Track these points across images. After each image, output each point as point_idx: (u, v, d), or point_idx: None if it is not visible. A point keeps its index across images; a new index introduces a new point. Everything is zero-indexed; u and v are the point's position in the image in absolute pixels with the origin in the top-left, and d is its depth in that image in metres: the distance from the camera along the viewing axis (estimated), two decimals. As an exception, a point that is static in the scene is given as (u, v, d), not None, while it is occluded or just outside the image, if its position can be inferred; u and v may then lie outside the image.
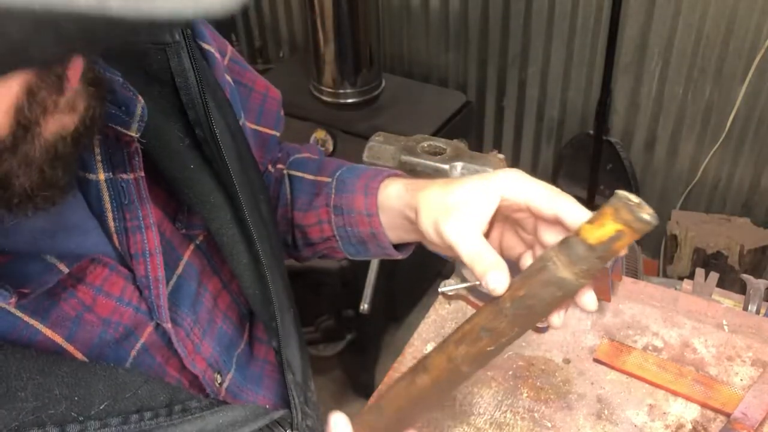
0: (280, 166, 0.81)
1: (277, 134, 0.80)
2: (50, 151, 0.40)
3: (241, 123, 0.71)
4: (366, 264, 1.26)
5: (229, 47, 0.74)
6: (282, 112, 0.82)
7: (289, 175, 0.79)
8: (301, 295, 0.79)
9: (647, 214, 0.46)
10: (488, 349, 0.54)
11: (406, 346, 0.98)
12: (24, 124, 0.37)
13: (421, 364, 0.58)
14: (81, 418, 0.45)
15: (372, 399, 0.60)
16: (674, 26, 1.96)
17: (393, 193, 0.68)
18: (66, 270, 0.48)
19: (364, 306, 1.31)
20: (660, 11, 1.96)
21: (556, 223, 0.56)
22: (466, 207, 0.58)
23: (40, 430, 0.43)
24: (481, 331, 0.53)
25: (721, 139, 2.05)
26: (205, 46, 0.66)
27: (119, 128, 0.51)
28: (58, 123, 0.40)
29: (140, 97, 0.51)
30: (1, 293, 0.43)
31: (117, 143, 0.52)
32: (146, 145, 0.54)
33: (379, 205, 0.69)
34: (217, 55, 0.68)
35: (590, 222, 0.49)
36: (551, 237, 0.57)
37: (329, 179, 0.75)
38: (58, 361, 0.46)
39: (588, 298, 0.54)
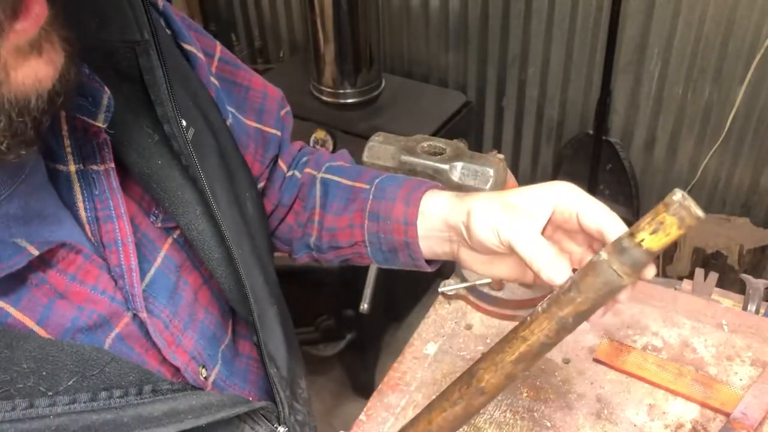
0: (309, 170, 0.82)
1: (278, 133, 0.80)
2: (23, 101, 0.41)
3: (229, 122, 0.71)
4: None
5: (219, 47, 0.74)
6: (283, 111, 0.82)
7: (323, 180, 0.80)
8: (301, 295, 0.79)
9: (700, 210, 0.47)
10: (540, 357, 0.57)
11: (406, 346, 0.98)
12: None
13: (475, 387, 0.59)
14: (50, 393, 0.46)
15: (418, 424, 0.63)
16: (674, 26, 1.97)
17: (437, 203, 0.71)
18: (36, 252, 0.48)
19: (364, 306, 1.31)
20: (659, 11, 1.96)
21: (600, 236, 0.59)
22: (523, 210, 0.62)
23: (9, 402, 0.44)
24: (541, 346, 0.55)
25: (720, 139, 2.05)
26: (187, 47, 0.67)
27: (86, 119, 0.52)
28: (32, 72, 0.41)
29: (106, 88, 0.52)
30: None
31: (86, 135, 0.53)
32: (116, 140, 0.55)
33: (420, 213, 0.71)
34: (200, 55, 0.69)
35: (650, 228, 0.49)
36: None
37: (367, 186, 0.76)
38: (25, 336, 0.47)
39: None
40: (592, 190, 2.29)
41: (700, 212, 0.46)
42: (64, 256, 0.51)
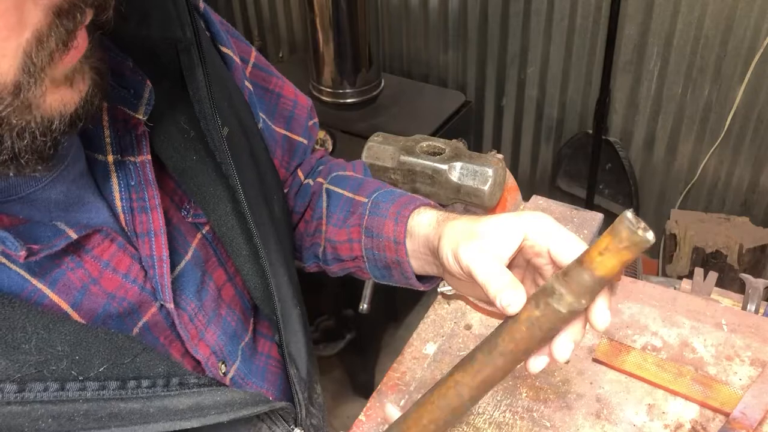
0: (320, 180, 0.82)
1: (305, 142, 0.81)
2: (48, 122, 0.43)
3: (260, 126, 0.73)
4: (365, 264, 1.26)
5: (253, 53, 0.75)
6: (311, 122, 0.82)
7: (328, 190, 0.80)
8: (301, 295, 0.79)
9: (649, 233, 0.46)
10: (498, 376, 0.55)
11: (406, 346, 0.98)
12: (29, 70, 0.39)
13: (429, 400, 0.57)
14: (81, 378, 0.47)
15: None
16: (673, 26, 1.96)
17: (423, 221, 0.70)
18: (74, 236, 0.50)
19: (364, 306, 1.31)
20: (659, 11, 1.96)
21: None
22: (488, 236, 0.59)
23: (41, 384, 0.45)
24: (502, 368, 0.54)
25: (720, 139, 2.05)
26: (224, 50, 0.68)
27: (127, 110, 0.53)
28: (59, 97, 0.43)
29: (148, 81, 0.53)
30: (13, 243, 0.45)
31: (125, 126, 0.55)
32: (153, 134, 0.56)
33: (407, 233, 0.70)
34: (237, 59, 0.70)
35: (597, 252, 0.48)
36: None
37: (366, 200, 0.76)
38: (62, 320, 0.48)
39: (600, 316, 0.53)
40: (592, 189, 2.30)
41: (650, 236, 0.45)
42: (99, 242, 0.53)
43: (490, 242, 0.58)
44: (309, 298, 2.17)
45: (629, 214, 0.46)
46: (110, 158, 0.55)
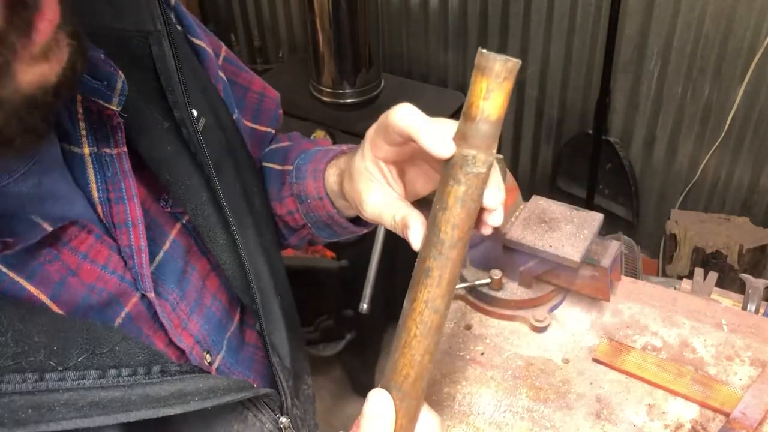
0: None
1: (273, 131, 0.83)
2: (30, 100, 0.42)
3: (234, 117, 0.73)
4: (365, 263, 1.26)
5: (224, 48, 0.76)
6: (280, 111, 0.83)
7: (262, 168, 0.81)
8: (301, 295, 0.80)
9: (509, 58, 0.46)
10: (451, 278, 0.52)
11: (406, 346, 0.98)
12: None
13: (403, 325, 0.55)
14: (60, 368, 0.46)
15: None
16: (673, 26, 1.96)
17: (334, 171, 0.71)
18: (49, 229, 0.50)
19: (364, 306, 1.31)
20: (659, 11, 1.96)
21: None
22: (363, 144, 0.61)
23: (20, 375, 0.45)
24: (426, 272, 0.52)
25: (720, 139, 2.05)
26: (197, 42, 0.69)
27: (101, 102, 0.53)
28: (38, 73, 0.42)
29: (120, 72, 0.54)
30: None
31: (100, 118, 0.55)
32: (129, 126, 0.57)
33: (327, 187, 0.72)
34: (210, 51, 0.71)
35: (481, 99, 0.47)
36: None
37: (291, 167, 0.77)
38: (38, 311, 0.48)
39: (494, 215, 0.54)
40: (592, 189, 2.29)
41: (511, 59, 0.46)
42: (76, 234, 0.53)
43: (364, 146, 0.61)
44: (309, 298, 2.16)
45: (484, 50, 0.46)
46: (86, 150, 0.55)
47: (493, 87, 0.47)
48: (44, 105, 0.44)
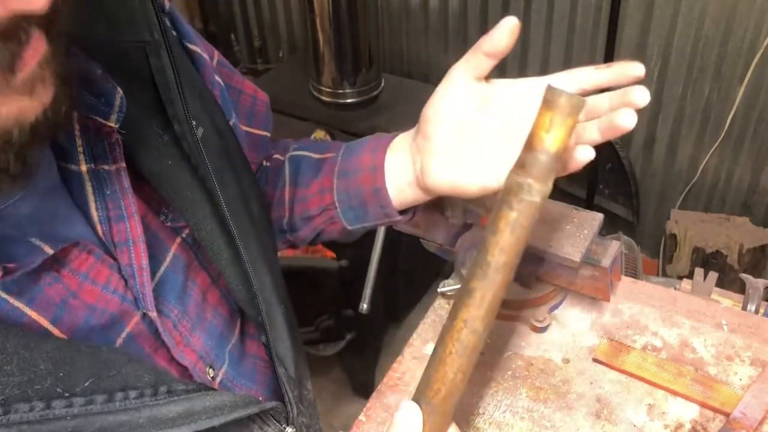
0: (277, 156, 0.82)
1: (268, 134, 0.82)
2: (5, 134, 0.41)
3: (231, 123, 0.72)
4: (365, 263, 1.26)
5: (216, 51, 0.75)
6: (270, 114, 0.83)
7: (292, 157, 0.81)
8: (300, 295, 0.79)
9: (574, 95, 0.48)
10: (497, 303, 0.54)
11: (406, 346, 0.98)
12: None
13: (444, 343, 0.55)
14: (67, 394, 0.46)
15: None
16: (673, 26, 1.96)
17: (401, 140, 0.73)
18: (50, 252, 0.49)
19: (364, 306, 1.31)
20: (659, 11, 1.96)
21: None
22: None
23: (26, 404, 0.44)
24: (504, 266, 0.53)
25: (720, 139, 2.05)
26: (193, 47, 0.68)
27: (99, 119, 0.52)
28: (16, 106, 0.40)
29: (119, 88, 0.52)
30: None
31: (98, 135, 0.54)
32: (127, 140, 0.55)
33: (387, 158, 0.72)
34: (205, 55, 0.69)
35: (543, 131, 0.49)
36: None
37: (335, 154, 0.77)
38: (43, 338, 0.47)
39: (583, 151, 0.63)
40: (592, 189, 2.29)
41: (578, 97, 0.48)
42: (77, 255, 0.52)
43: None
44: (309, 298, 2.16)
45: (552, 84, 0.49)
46: (83, 168, 0.53)
47: (556, 121, 0.49)
48: (19, 144, 0.42)
